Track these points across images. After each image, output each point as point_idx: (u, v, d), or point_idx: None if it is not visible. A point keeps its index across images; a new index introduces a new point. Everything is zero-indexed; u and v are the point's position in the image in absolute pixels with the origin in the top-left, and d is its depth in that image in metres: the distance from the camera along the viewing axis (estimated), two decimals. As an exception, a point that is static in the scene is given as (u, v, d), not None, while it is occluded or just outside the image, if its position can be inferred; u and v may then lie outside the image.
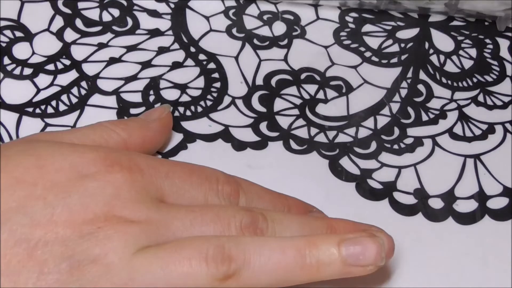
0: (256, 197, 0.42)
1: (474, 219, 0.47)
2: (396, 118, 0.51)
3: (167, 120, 0.47)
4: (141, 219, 0.37)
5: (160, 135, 0.46)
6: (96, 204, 0.36)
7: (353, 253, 0.37)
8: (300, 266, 0.37)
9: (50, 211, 0.35)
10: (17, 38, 0.51)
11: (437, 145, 0.50)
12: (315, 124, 0.50)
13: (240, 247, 0.37)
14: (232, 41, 0.54)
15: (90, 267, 0.35)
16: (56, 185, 0.36)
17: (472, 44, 0.56)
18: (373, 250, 0.38)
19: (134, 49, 0.52)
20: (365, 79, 0.53)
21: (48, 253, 0.35)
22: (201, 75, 0.52)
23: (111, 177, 0.37)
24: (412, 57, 0.55)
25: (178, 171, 0.40)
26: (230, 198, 0.41)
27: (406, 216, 0.47)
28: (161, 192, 0.39)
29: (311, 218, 0.42)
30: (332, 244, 0.38)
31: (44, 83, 0.49)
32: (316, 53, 0.54)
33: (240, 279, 0.37)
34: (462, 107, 0.52)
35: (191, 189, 0.40)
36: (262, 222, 0.39)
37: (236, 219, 0.38)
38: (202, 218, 0.38)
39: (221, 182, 0.41)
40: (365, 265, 0.38)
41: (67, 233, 0.35)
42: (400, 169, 0.49)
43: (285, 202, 0.43)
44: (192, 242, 0.37)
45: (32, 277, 0.34)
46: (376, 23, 0.56)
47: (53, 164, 0.37)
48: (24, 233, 0.35)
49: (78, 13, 0.53)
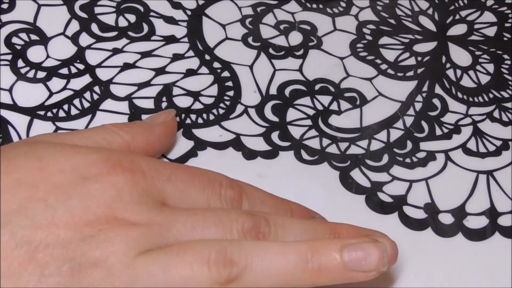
0: (259, 202, 0.42)
1: (484, 236, 0.46)
2: (410, 132, 0.51)
3: (172, 124, 0.47)
4: (142, 222, 0.36)
5: (164, 139, 0.46)
6: (97, 206, 0.36)
7: (355, 259, 0.37)
8: (302, 271, 0.37)
9: (51, 213, 0.35)
10: (32, 41, 0.51)
11: (449, 160, 0.49)
12: (327, 135, 0.50)
13: (242, 251, 0.37)
14: (247, 50, 0.54)
15: (91, 270, 0.35)
16: (57, 187, 0.36)
17: (490, 59, 0.56)
18: (375, 255, 0.37)
19: (148, 55, 0.52)
20: (380, 91, 0.53)
21: (49, 255, 0.34)
22: (214, 83, 0.51)
23: (112, 179, 0.37)
24: (429, 71, 0.54)
25: (181, 174, 0.40)
26: (232, 202, 0.41)
27: (415, 231, 0.46)
28: (163, 195, 0.39)
29: (314, 222, 0.42)
30: (335, 249, 0.37)
31: (57, 86, 0.49)
32: (332, 64, 0.54)
33: (241, 283, 0.36)
34: (477, 122, 0.52)
35: (193, 192, 0.40)
36: (265, 226, 0.39)
37: (238, 223, 0.38)
38: (204, 222, 0.38)
39: (224, 186, 0.41)
40: (367, 271, 0.37)
41: (68, 236, 0.35)
42: (411, 183, 0.48)
43: (288, 207, 0.43)
44: (194, 246, 0.36)
45: (33, 280, 0.34)
46: (393, 36, 0.56)
47: (54, 165, 0.37)
48: (25, 236, 0.34)
49: (94, 17, 0.53)
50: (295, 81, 0.52)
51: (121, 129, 0.43)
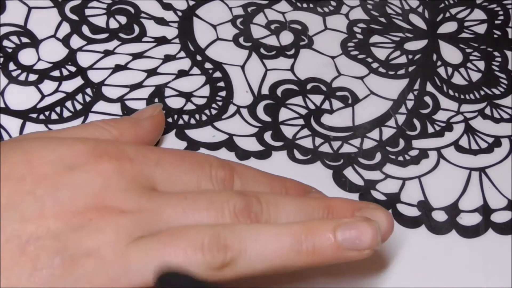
0: (252, 180, 0.42)
1: (478, 233, 0.46)
2: (402, 130, 0.51)
3: (159, 118, 0.46)
4: (132, 209, 0.36)
5: (152, 133, 0.46)
6: (86, 196, 0.36)
7: (349, 238, 0.37)
8: (296, 252, 0.37)
9: (40, 205, 0.35)
10: (23, 44, 0.51)
11: (442, 158, 0.50)
12: (320, 134, 0.50)
13: (236, 235, 0.36)
14: (238, 50, 0.54)
15: (83, 261, 0.34)
16: (45, 178, 0.36)
17: (481, 56, 0.56)
18: (368, 234, 0.37)
19: (140, 56, 0.52)
20: (372, 90, 0.53)
21: (40, 248, 0.34)
22: (206, 84, 0.51)
23: (100, 168, 0.37)
24: (420, 69, 0.54)
25: (169, 158, 0.40)
26: (224, 182, 0.40)
27: (409, 228, 0.46)
28: (152, 180, 0.38)
29: (307, 199, 0.41)
30: (328, 229, 0.37)
31: (49, 89, 0.49)
32: (323, 63, 0.54)
33: (236, 267, 0.36)
34: (469, 119, 0.52)
35: (183, 175, 0.39)
36: (256, 205, 0.38)
37: (229, 204, 0.38)
38: (194, 205, 0.37)
39: (214, 167, 0.40)
40: (361, 249, 0.37)
41: (59, 227, 0.35)
42: (405, 181, 0.48)
43: (282, 183, 0.43)
44: (187, 232, 0.36)
45: (25, 273, 0.34)
46: (384, 34, 0.56)
47: (40, 158, 0.37)
48: (15, 229, 0.34)
49: (85, 19, 0.53)
50: (287, 80, 0.52)
51: (109, 124, 0.43)
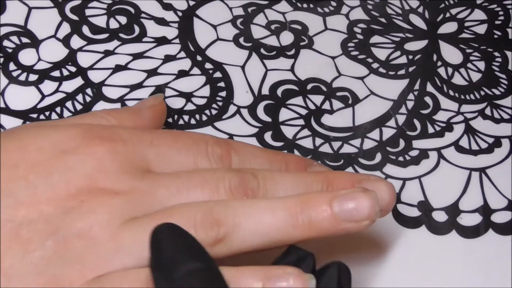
0: (250, 155, 0.41)
1: (478, 233, 0.46)
2: (402, 130, 0.51)
3: (160, 108, 0.46)
4: (125, 190, 0.36)
5: (152, 123, 0.44)
6: (78, 178, 0.36)
7: (346, 209, 0.36)
8: (292, 226, 0.36)
9: (32, 190, 0.35)
10: (24, 44, 0.51)
11: (442, 158, 0.50)
12: (320, 135, 0.50)
13: (229, 211, 0.36)
14: (239, 50, 0.54)
15: (75, 242, 0.34)
16: (37, 164, 0.36)
17: (481, 57, 0.56)
18: (366, 204, 0.37)
19: (140, 57, 0.52)
20: (372, 90, 0.53)
21: (32, 231, 0.34)
22: (206, 84, 0.51)
23: (92, 150, 0.37)
24: (420, 69, 0.54)
25: (163, 138, 0.39)
26: (221, 159, 0.40)
27: (410, 229, 0.46)
28: (146, 161, 0.38)
29: (306, 173, 0.41)
30: (324, 201, 0.37)
31: (49, 89, 0.49)
32: (323, 63, 0.54)
33: (230, 243, 0.36)
34: (469, 120, 0.52)
35: (178, 154, 0.39)
36: (253, 181, 0.38)
37: (224, 181, 0.37)
38: (189, 183, 0.37)
39: (210, 144, 0.40)
40: (360, 220, 0.37)
41: (51, 210, 0.35)
42: (405, 181, 0.48)
43: (281, 158, 0.42)
44: (179, 210, 0.36)
45: (17, 256, 0.34)
46: (384, 35, 0.56)
47: (33, 144, 0.37)
48: (8, 214, 0.34)
49: (85, 20, 0.53)
50: (287, 81, 0.52)
51: (109, 114, 0.42)
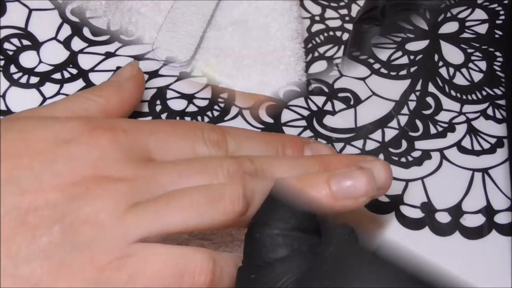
0: (246, 139, 0.42)
1: (481, 234, 0.46)
2: (404, 131, 0.51)
3: (140, 76, 0.47)
4: (128, 177, 0.37)
5: (136, 93, 0.46)
6: (82, 167, 0.36)
7: (343, 187, 0.38)
8: None
9: (38, 178, 0.36)
10: (24, 47, 0.51)
11: (445, 159, 0.50)
12: (322, 136, 0.50)
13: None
14: (240, 52, 0.54)
15: (82, 227, 0.35)
16: (41, 153, 0.37)
17: (482, 57, 0.56)
18: (362, 180, 0.38)
19: (141, 58, 0.52)
20: (374, 91, 0.53)
21: (39, 218, 0.35)
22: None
23: (95, 141, 0.38)
24: (421, 70, 0.54)
25: (162, 127, 0.41)
26: (218, 144, 0.41)
27: (413, 230, 0.46)
28: (147, 150, 0.39)
29: (302, 157, 0.42)
30: (322, 181, 0.38)
31: (51, 92, 0.49)
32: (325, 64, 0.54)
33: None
34: (471, 120, 0.52)
35: (176, 141, 0.40)
36: (250, 166, 0.39)
37: (223, 167, 0.38)
38: (189, 170, 0.38)
39: (206, 131, 0.41)
40: (357, 197, 0.38)
41: (57, 197, 0.35)
42: (408, 183, 0.48)
43: (278, 139, 0.43)
44: (182, 193, 0.37)
45: (24, 242, 0.34)
46: (386, 35, 0.56)
47: (36, 135, 0.37)
48: (14, 202, 0.35)
49: (86, 22, 0.53)
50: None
51: (94, 94, 0.44)
